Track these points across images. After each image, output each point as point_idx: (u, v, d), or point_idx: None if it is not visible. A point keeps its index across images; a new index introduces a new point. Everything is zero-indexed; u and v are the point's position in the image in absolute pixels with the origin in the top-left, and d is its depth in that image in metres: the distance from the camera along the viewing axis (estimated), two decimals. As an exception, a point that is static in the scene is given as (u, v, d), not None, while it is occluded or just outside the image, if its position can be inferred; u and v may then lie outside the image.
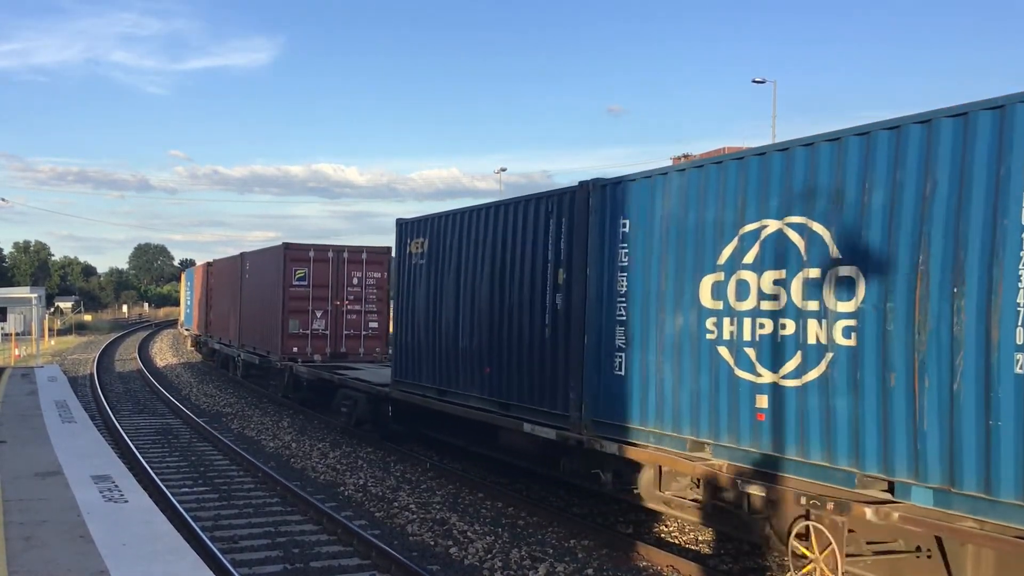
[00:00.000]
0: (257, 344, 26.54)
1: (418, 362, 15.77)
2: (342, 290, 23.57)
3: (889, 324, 7.46)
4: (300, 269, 23.35)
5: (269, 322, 24.61)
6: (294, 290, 23.29)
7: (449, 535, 11.34)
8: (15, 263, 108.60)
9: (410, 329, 16.10)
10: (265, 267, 25.48)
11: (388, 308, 22.97)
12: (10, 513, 7.93)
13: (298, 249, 23.68)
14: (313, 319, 23.44)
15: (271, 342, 24.48)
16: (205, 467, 15.86)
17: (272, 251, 24.76)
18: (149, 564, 6.58)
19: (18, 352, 38.71)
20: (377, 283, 23.93)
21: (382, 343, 23.70)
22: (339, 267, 23.56)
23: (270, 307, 24.54)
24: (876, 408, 7.60)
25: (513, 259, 13.00)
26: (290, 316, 23.32)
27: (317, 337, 23.55)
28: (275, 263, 24.07)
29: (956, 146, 7.07)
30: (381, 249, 24.02)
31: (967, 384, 6.89)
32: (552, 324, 11.92)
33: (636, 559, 10.44)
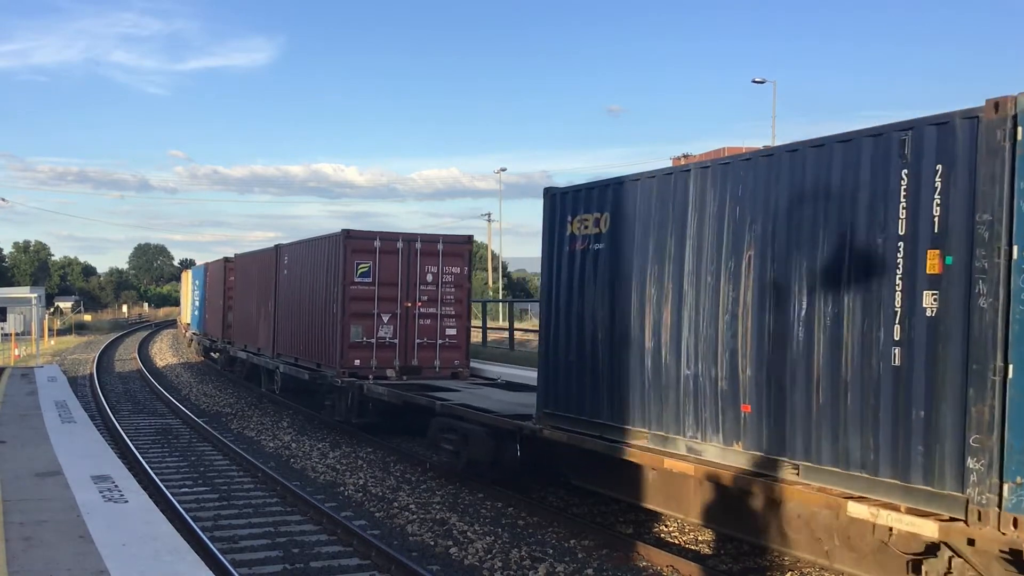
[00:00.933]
0: (301, 355, 22.23)
1: (590, 390, 11.40)
2: (414, 289, 19.62)
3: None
4: (364, 263, 19.17)
5: (321, 328, 20.57)
6: (356, 289, 19.17)
7: (449, 535, 11.34)
8: (15, 263, 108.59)
9: (573, 342, 11.70)
10: (314, 261, 21.38)
11: (467, 311, 20.40)
12: (10, 513, 7.93)
13: (361, 238, 19.37)
14: (379, 325, 19.38)
15: (325, 353, 20.25)
16: (205, 467, 15.86)
17: (326, 241, 20.55)
18: (149, 564, 6.58)
19: (18, 352, 38.70)
20: (455, 280, 20.09)
21: (462, 354, 20.24)
22: (410, 260, 19.58)
23: (322, 310, 20.53)
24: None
25: (825, 234, 8.50)
26: (351, 321, 19.14)
27: (384, 347, 19.50)
28: (330, 256, 20.02)
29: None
30: (460, 239, 20.58)
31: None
32: (911, 341, 7.69)
33: (636, 559, 10.44)
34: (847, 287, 8.27)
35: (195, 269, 45.31)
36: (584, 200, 11.68)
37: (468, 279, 20.32)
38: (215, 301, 34.88)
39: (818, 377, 8.50)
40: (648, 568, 10.16)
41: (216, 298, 34.59)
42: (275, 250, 25.06)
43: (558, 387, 12.02)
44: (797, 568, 9.95)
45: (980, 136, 7.22)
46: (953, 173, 7.40)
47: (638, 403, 10.69)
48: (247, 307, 28.55)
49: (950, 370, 7.37)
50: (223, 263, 33.11)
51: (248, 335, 28.15)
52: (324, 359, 20.31)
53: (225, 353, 32.66)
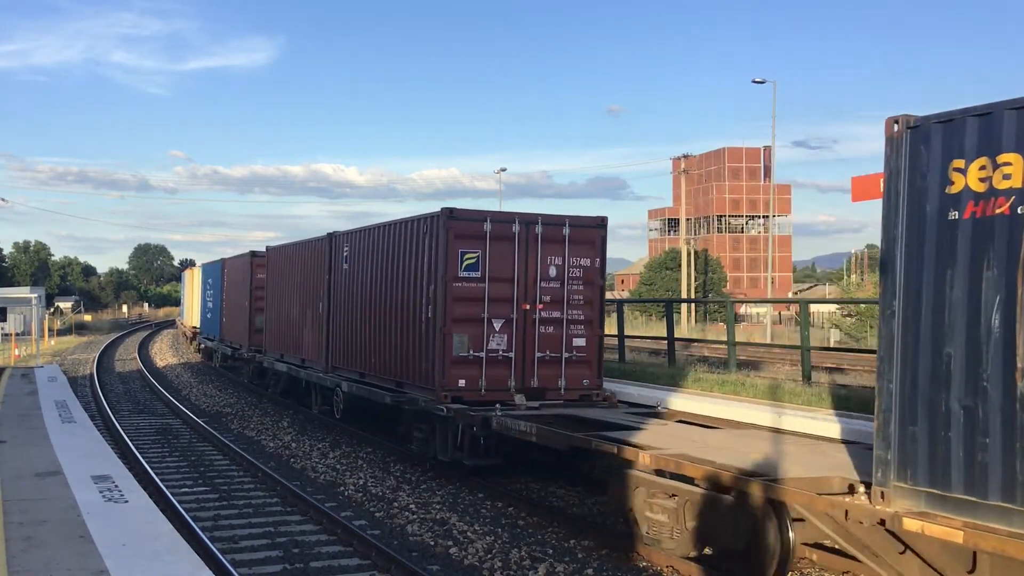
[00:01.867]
0: (373, 370, 17.55)
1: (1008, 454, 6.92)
2: (533, 286, 15.00)
3: None
4: (471, 252, 14.58)
5: (405, 337, 15.90)
6: (461, 287, 14.57)
7: (449, 535, 11.34)
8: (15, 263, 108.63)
9: (983, 371, 7.08)
10: (395, 250, 16.56)
11: (600, 316, 15.60)
12: (10, 513, 7.93)
13: (467, 219, 14.74)
14: (490, 334, 14.77)
15: (412, 369, 15.62)
16: (205, 467, 15.86)
17: (415, 224, 15.64)
18: (149, 564, 6.58)
19: (18, 352, 38.70)
20: (585, 275, 15.37)
21: (592, 371, 15.54)
22: (529, 249, 14.98)
23: (406, 313, 15.78)
24: None
25: None
26: (454, 329, 14.56)
27: (496, 363, 14.86)
28: (422, 243, 15.26)
29: None
30: (591, 221, 15.56)
31: None
32: None
33: (636, 559, 10.44)
34: None
35: (207, 266, 39.16)
36: (993, 131, 7.08)
37: (601, 274, 15.64)
38: (237, 302, 30.30)
39: None
40: (648, 568, 10.16)
41: (239, 299, 30.06)
42: (328, 240, 20.45)
43: (934, 445, 7.39)
44: (797, 569, 9.95)
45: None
46: None
47: None
48: (286, 309, 23.85)
49: None
50: (249, 258, 28.50)
51: (288, 343, 23.57)
52: (410, 376, 15.67)
53: (253, 363, 27.34)
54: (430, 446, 14.92)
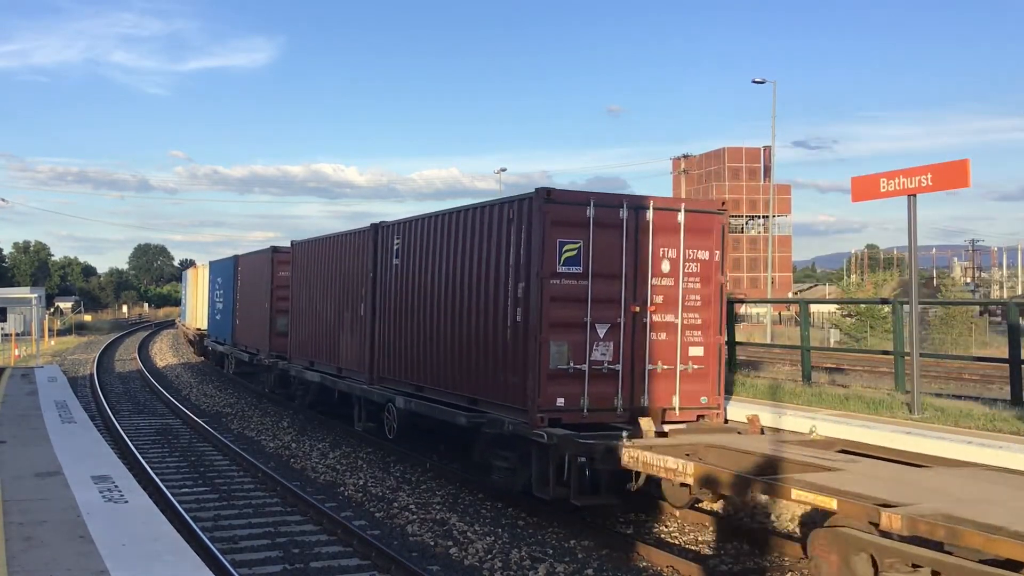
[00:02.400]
0: (436, 383, 14.80)
1: None
2: (643, 284, 12.52)
3: None
4: (571, 242, 12.08)
5: (483, 345, 13.28)
6: (559, 284, 12.01)
7: (449, 535, 11.34)
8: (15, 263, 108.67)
9: None
10: (468, 240, 13.80)
11: (720, 318, 13.08)
12: (10, 513, 7.93)
13: (568, 202, 12.16)
14: (594, 342, 12.24)
15: (495, 385, 12.95)
16: (205, 467, 15.87)
17: (498, 209, 13.07)
18: (149, 564, 6.58)
19: (18, 352, 38.70)
20: (702, 270, 12.94)
21: (711, 386, 12.98)
22: (639, 238, 12.52)
23: (484, 316, 13.23)
24: None
25: None
26: (552, 336, 11.96)
27: (600, 377, 12.26)
28: (507, 231, 12.68)
29: None
30: (710, 205, 13.29)
31: None
32: None
33: (636, 559, 10.44)
34: None
35: (216, 264, 35.81)
36: None
37: (722, 269, 13.11)
38: (254, 303, 27.50)
39: None
40: (648, 568, 10.16)
41: (256, 299, 27.24)
42: (372, 232, 17.66)
43: None
44: (797, 569, 9.95)
45: None
46: None
47: None
48: (317, 311, 21.19)
49: None
50: (269, 255, 25.85)
51: (320, 349, 20.93)
52: (490, 393, 13.12)
53: (275, 371, 24.65)
54: (519, 477, 12.47)
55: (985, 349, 37.90)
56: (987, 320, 48.12)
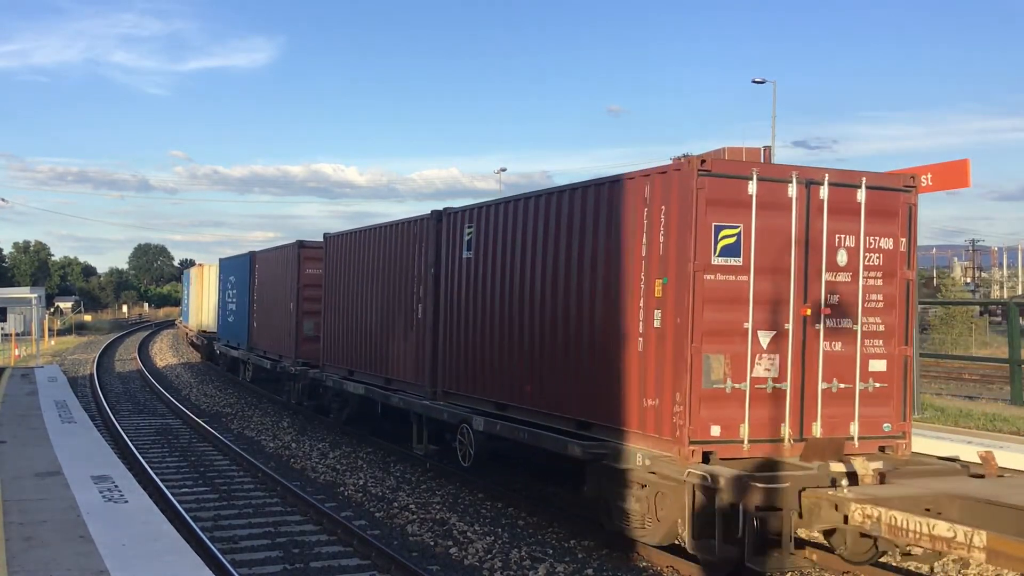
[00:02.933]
0: (523, 400, 12.41)
1: None
2: (815, 280, 10.06)
3: None
4: (730, 226, 9.66)
5: (596, 360, 10.83)
6: (715, 281, 9.62)
7: (449, 535, 11.34)
8: (15, 263, 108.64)
9: None
10: (570, 228, 11.46)
11: (905, 322, 10.51)
12: (10, 513, 7.93)
13: (727, 174, 9.77)
14: (757, 353, 9.80)
15: (617, 406, 10.44)
16: (205, 467, 15.86)
17: (624, 186, 10.60)
18: (149, 564, 6.58)
19: (18, 352, 38.70)
20: (885, 262, 10.43)
21: (895, 410, 10.45)
22: (811, 222, 10.04)
23: (599, 323, 10.80)
24: None
25: None
26: (706, 345, 9.56)
27: (764, 398, 9.82)
28: (640, 212, 10.20)
29: None
30: (894, 181, 10.68)
31: None
32: None
33: (636, 559, 10.43)
34: None
35: (227, 261, 33.19)
36: None
37: (908, 261, 10.56)
38: (276, 304, 24.97)
39: None
40: (648, 568, 10.15)
41: (278, 300, 24.78)
42: (434, 221, 15.08)
43: None
44: (797, 569, 9.94)
45: None
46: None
47: None
48: (358, 313, 18.61)
49: None
50: (295, 250, 23.27)
51: (361, 357, 18.38)
52: (609, 415, 10.56)
53: (304, 380, 21.81)
54: (658, 528, 9.92)
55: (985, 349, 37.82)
56: (987, 320, 47.93)
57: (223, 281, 33.17)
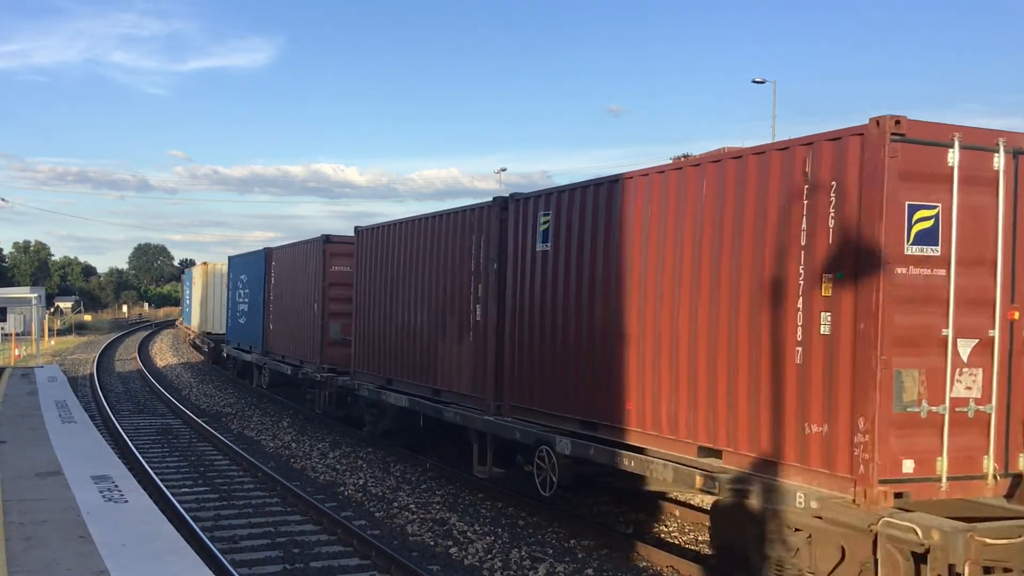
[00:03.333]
0: (620, 420, 10.65)
1: None
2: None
3: None
4: (927, 206, 7.85)
5: (732, 376, 9.07)
6: (908, 275, 7.81)
7: (449, 535, 11.34)
8: (15, 263, 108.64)
9: None
10: (691, 211, 9.83)
11: None
12: (10, 513, 7.93)
13: (921, 140, 7.84)
14: (957, 367, 7.99)
15: (760, 431, 8.70)
16: (205, 467, 15.86)
17: (785, 156, 8.62)
18: (149, 564, 6.58)
19: (18, 352, 38.70)
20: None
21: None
22: (1019, 200, 8.26)
23: (741, 330, 8.97)
24: None
25: None
26: (897, 358, 7.73)
27: (965, 425, 8.03)
28: (806, 188, 8.32)
29: None
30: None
31: None
32: None
33: (636, 559, 10.44)
34: None
35: (237, 258, 30.86)
36: None
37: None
38: (298, 305, 22.56)
39: None
40: (648, 568, 10.16)
41: (299, 300, 22.56)
42: (499, 208, 13.26)
43: None
44: (797, 568, 9.93)
45: None
46: None
47: None
48: (401, 315, 16.40)
49: None
50: (320, 245, 20.96)
51: (404, 364, 16.24)
52: (752, 443, 8.78)
53: (331, 388, 19.70)
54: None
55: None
56: None
57: (233, 280, 30.91)
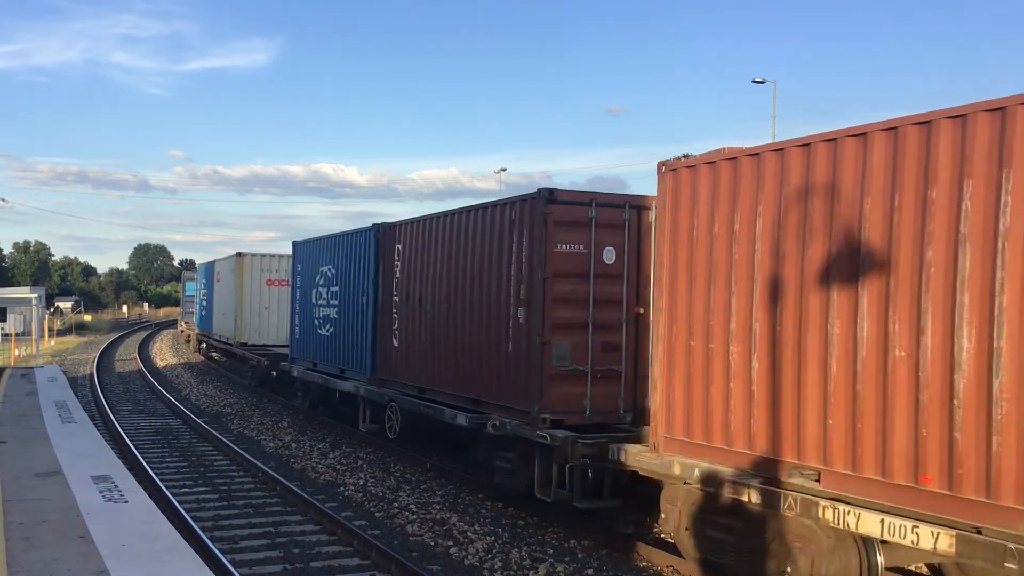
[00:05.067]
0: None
1: None
2: None
3: None
4: None
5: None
6: None
7: (449, 535, 11.34)
8: (15, 263, 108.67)
9: None
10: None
11: None
12: (10, 513, 7.93)
13: None
14: None
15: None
16: (205, 467, 15.86)
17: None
18: (149, 564, 6.58)
19: (18, 352, 38.71)
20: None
21: None
22: None
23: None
24: None
25: None
26: None
27: None
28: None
29: None
30: None
31: None
32: None
33: (636, 559, 10.44)
34: None
35: (317, 244, 21.73)
36: None
37: None
38: (468, 309, 13.75)
39: None
40: (648, 568, 10.16)
41: (479, 300, 13.51)
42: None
43: None
44: (797, 568, 9.92)
45: None
46: None
47: None
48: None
49: None
50: (531, 208, 12.07)
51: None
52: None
53: (575, 460, 10.88)
54: None
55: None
56: None
57: (303, 276, 22.44)
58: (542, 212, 11.76)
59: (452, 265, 14.30)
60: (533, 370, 11.76)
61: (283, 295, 28.12)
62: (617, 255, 12.03)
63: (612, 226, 12.01)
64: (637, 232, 12.03)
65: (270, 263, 29.42)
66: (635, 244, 12.03)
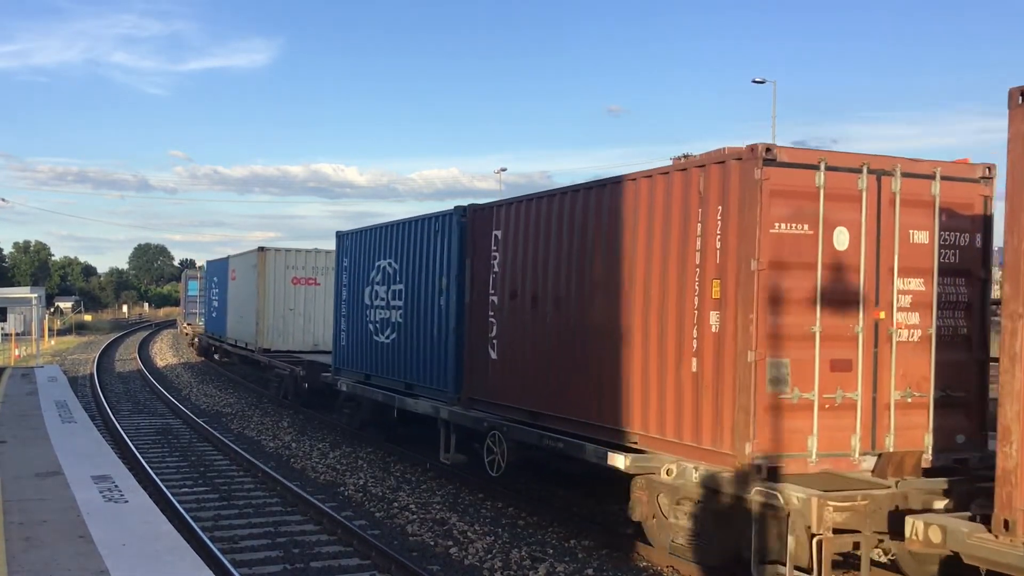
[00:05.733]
0: None
1: None
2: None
3: None
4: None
5: None
6: None
7: (449, 535, 11.34)
8: (15, 263, 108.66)
9: None
10: None
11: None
12: (10, 513, 7.93)
13: None
14: None
15: None
16: (205, 467, 15.86)
17: None
18: (149, 564, 6.58)
19: (18, 352, 38.71)
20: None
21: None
22: None
23: None
24: None
25: None
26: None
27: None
28: None
29: None
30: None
31: None
32: None
33: (636, 559, 10.43)
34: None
35: (368, 234, 18.26)
36: None
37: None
38: (610, 313, 10.64)
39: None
40: (648, 568, 10.15)
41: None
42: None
43: None
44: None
45: None
46: None
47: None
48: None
49: None
50: (738, 167, 9.22)
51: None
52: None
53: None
54: None
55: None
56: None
57: (352, 273, 19.00)
58: (755, 178, 8.84)
59: (589, 255, 11.09)
60: (739, 397, 8.78)
61: (310, 295, 26.33)
62: (852, 238, 9.13)
63: (845, 197, 9.11)
64: (876, 205, 9.22)
65: (296, 259, 26.66)
66: (874, 222, 9.19)
